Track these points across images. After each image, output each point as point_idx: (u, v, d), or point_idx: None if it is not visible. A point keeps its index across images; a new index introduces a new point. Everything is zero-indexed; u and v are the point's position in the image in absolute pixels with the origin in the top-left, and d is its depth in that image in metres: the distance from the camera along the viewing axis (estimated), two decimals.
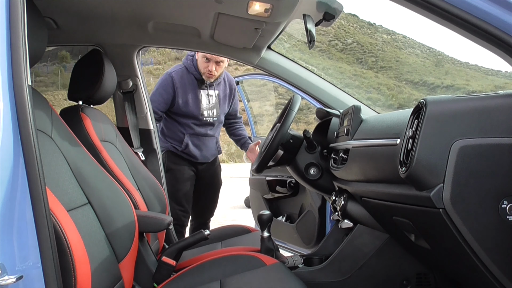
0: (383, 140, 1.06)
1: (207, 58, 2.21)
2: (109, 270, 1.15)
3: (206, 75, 2.26)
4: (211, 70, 2.22)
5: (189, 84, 2.28)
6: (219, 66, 2.25)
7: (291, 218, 2.33)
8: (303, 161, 1.63)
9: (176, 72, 2.29)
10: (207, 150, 2.39)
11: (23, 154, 0.76)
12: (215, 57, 2.20)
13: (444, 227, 0.86)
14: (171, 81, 2.26)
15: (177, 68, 2.32)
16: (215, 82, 2.33)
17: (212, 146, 2.42)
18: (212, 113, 2.33)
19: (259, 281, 1.16)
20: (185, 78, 2.28)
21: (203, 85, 2.29)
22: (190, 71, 2.28)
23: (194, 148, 2.33)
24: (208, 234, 1.51)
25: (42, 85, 4.58)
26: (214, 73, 2.25)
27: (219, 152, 2.52)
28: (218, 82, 2.35)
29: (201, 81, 2.29)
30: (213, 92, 2.33)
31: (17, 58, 0.78)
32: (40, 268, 0.77)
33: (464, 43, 22.70)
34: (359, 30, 45.66)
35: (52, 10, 1.62)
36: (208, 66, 2.22)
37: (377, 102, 29.29)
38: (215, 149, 2.45)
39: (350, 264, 1.37)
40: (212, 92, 2.32)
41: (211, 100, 2.32)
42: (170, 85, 2.26)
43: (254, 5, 1.46)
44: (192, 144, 2.33)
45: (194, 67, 2.28)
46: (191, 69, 2.28)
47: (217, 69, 2.25)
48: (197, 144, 2.34)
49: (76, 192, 1.14)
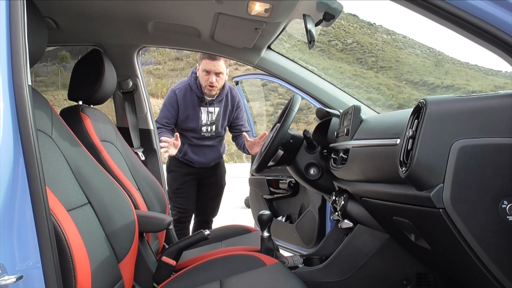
0: (383, 140, 1.06)
1: (206, 71, 2.25)
2: (109, 270, 1.15)
3: (208, 88, 2.29)
4: (212, 81, 2.26)
5: (191, 102, 2.35)
6: (219, 78, 2.29)
7: (291, 218, 2.33)
8: (303, 161, 1.63)
9: (180, 90, 2.37)
10: (206, 157, 2.44)
11: (23, 154, 0.76)
12: (214, 69, 2.24)
13: (444, 227, 0.86)
14: (175, 98, 2.35)
15: (181, 86, 2.39)
16: (216, 100, 2.37)
17: (212, 154, 2.47)
18: (211, 129, 2.40)
19: (259, 281, 1.16)
20: (188, 96, 2.35)
21: (203, 102, 2.35)
22: (193, 89, 2.34)
23: (194, 156, 2.41)
24: (208, 234, 1.51)
25: (42, 85, 4.57)
26: (215, 84, 2.28)
27: (221, 157, 2.57)
28: (219, 99, 2.39)
29: (201, 99, 2.34)
30: (213, 109, 2.38)
31: (17, 58, 0.78)
32: (40, 268, 0.77)
33: (464, 43, 22.49)
34: (359, 30, 45.66)
35: (52, 10, 1.62)
36: (208, 78, 2.26)
37: (377, 102, 29.31)
38: (216, 156, 2.50)
39: (350, 264, 1.37)
40: (213, 109, 2.38)
41: (211, 117, 2.39)
42: (174, 101, 2.35)
43: (254, 5, 1.46)
44: (192, 152, 2.41)
45: (197, 85, 2.34)
46: (194, 87, 2.34)
47: (218, 80, 2.28)
48: (196, 152, 2.41)
49: (76, 192, 1.14)
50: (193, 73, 2.39)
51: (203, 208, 2.57)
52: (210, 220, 2.64)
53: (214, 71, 2.25)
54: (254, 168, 1.68)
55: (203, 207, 2.57)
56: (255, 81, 3.14)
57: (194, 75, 2.37)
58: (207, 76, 2.26)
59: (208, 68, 2.24)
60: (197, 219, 2.62)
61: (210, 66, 2.24)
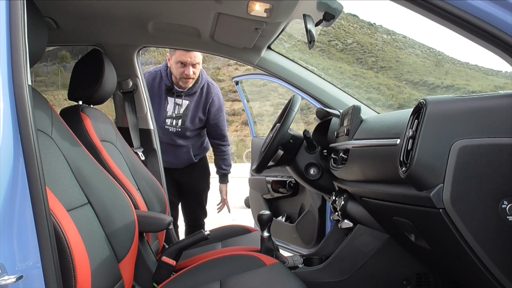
0: (383, 140, 1.06)
1: (182, 63, 2.13)
2: (109, 270, 1.15)
3: (183, 80, 2.18)
4: (188, 73, 2.14)
5: (157, 89, 2.22)
6: (196, 69, 2.17)
7: (291, 218, 2.33)
8: (303, 161, 1.63)
9: (150, 74, 2.25)
10: (175, 158, 2.31)
11: (23, 154, 0.76)
12: (190, 61, 2.13)
13: (444, 227, 0.86)
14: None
15: (152, 70, 2.27)
16: (186, 92, 2.22)
17: (182, 156, 2.33)
18: (176, 123, 2.24)
19: (259, 281, 1.16)
20: (156, 82, 2.23)
21: (170, 92, 2.21)
22: (163, 76, 2.23)
23: (163, 154, 2.22)
24: (208, 234, 1.51)
25: (42, 85, 4.59)
26: (191, 76, 2.17)
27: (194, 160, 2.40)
28: (192, 91, 2.24)
29: (169, 88, 2.22)
30: (181, 101, 2.22)
31: (17, 58, 0.78)
32: (40, 268, 0.77)
33: (464, 43, 22.46)
34: (359, 30, 45.70)
35: (52, 10, 1.62)
36: (184, 70, 2.14)
37: (377, 102, 29.34)
38: (187, 158, 2.35)
39: (350, 264, 1.37)
40: (181, 101, 2.22)
41: (178, 110, 2.23)
42: None
43: (254, 5, 1.46)
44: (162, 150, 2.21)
45: (167, 74, 2.22)
46: (164, 74, 2.22)
47: (195, 72, 2.17)
48: (163, 150, 2.22)
49: (76, 192, 1.14)
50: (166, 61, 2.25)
51: (189, 213, 2.50)
52: (200, 224, 2.54)
53: (191, 62, 2.13)
54: (254, 168, 1.68)
55: (188, 212, 2.49)
56: (255, 81, 3.14)
57: (166, 63, 2.23)
58: (183, 69, 2.13)
59: (183, 60, 2.12)
60: (187, 223, 2.55)
61: (185, 57, 2.11)
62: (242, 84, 2.78)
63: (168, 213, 1.89)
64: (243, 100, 2.83)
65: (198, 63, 2.18)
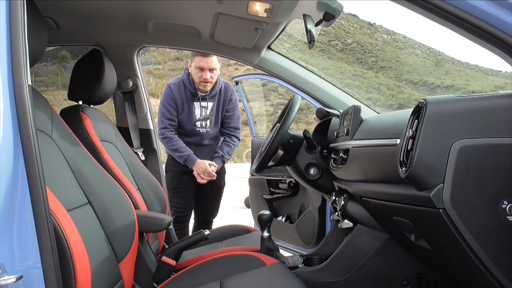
0: (383, 140, 1.06)
1: (200, 68, 2.30)
2: (109, 270, 1.15)
3: (202, 84, 2.34)
4: (206, 78, 2.31)
5: (185, 96, 2.39)
6: (213, 73, 2.34)
7: (291, 218, 2.33)
8: (303, 161, 1.63)
9: (175, 85, 2.41)
10: (202, 157, 2.41)
11: (23, 154, 0.76)
12: (207, 66, 2.28)
13: (444, 227, 0.86)
14: (171, 92, 2.39)
15: (175, 81, 2.43)
16: (209, 95, 2.40)
17: (208, 154, 2.46)
18: (205, 124, 2.43)
19: (259, 281, 1.16)
20: (182, 91, 2.39)
21: (195, 97, 2.39)
22: (186, 85, 2.38)
23: None
24: (208, 234, 1.51)
25: (42, 85, 4.58)
26: (209, 80, 2.33)
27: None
28: (213, 94, 2.41)
29: (194, 94, 2.38)
30: (206, 104, 2.42)
31: (17, 58, 0.78)
32: (40, 268, 0.77)
33: (464, 43, 22.46)
34: (359, 30, 45.71)
35: (52, 10, 1.62)
36: (202, 75, 2.30)
37: (377, 102, 29.33)
38: (211, 157, 2.47)
39: (350, 264, 1.37)
40: (206, 104, 2.41)
41: (205, 112, 2.42)
42: (171, 96, 2.39)
43: (254, 5, 1.46)
44: None
45: (190, 81, 2.38)
46: (187, 82, 2.39)
47: (212, 76, 2.33)
48: (193, 150, 2.39)
49: (76, 192, 1.14)
50: (186, 69, 2.43)
51: (203, 208, 2.57)
52: (210, 220, 2.63)
53: (208, 67, 2.29)
54: (254, 168, 1.68)
55: (203, 207, 2.56)
56: (255, 81, 3.14)
57: (187, 71, 2.41)
58: (201, 73, 2.31)
59: (201, 65, 2.29)
60: (196, 219, 2.62)
61: (203, 63, 2.28)
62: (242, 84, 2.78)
63: (168, 213, 1.89)
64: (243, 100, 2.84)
65: (215, 68, 2.33)
